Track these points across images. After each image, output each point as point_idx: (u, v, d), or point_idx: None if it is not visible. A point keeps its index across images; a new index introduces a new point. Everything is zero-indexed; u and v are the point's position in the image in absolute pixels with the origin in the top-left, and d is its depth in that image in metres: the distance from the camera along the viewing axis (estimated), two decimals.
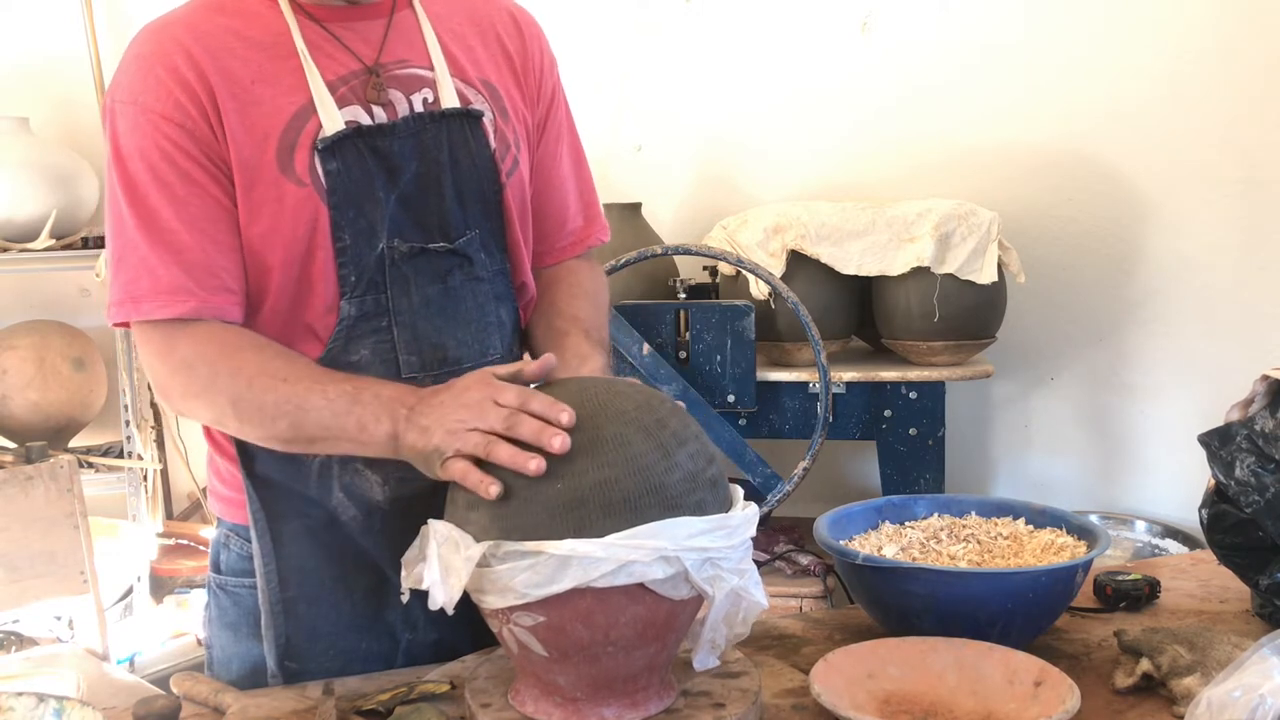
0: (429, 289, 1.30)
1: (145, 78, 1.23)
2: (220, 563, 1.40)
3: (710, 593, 1.07)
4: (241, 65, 1.24)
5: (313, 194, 1.24)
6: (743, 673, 1.20)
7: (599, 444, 1.07)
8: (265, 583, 1.31)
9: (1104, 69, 3.03)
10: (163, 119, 1.22)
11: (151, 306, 1.22)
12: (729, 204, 3.14)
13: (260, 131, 1.23)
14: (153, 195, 1.22)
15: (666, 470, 1.07)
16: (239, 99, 1.23)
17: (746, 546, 1.11)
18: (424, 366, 1.30)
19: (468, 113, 1.32)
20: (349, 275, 1.26)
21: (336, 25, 1.30)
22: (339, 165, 1.24)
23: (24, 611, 2.39)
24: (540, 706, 1.13)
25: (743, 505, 1.13)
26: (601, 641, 1.07)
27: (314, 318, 1.28)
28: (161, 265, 1.22)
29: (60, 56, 3.43)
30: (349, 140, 1.25)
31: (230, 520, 1.38)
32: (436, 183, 1.30)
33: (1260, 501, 1.31)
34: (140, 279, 1.22)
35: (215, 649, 1.41)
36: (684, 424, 1.13)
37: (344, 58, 1.29)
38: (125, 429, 3.30)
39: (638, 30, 3.30)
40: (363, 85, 1.28)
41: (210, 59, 1.24)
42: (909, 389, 2.74)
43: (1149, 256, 3.07)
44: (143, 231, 1.22)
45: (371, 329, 1.28)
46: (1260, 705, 0.98)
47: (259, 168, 1.23)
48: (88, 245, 3.18)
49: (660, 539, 1.04)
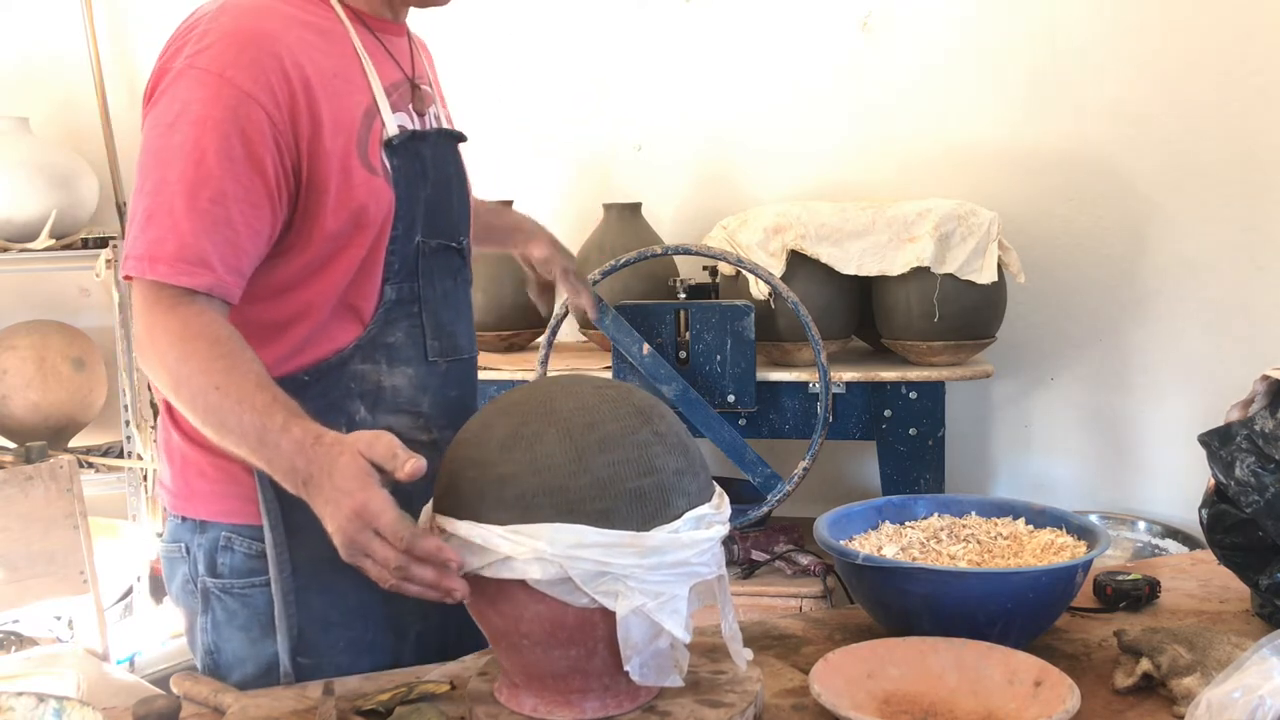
0: (445, 282, 1.45)
1: (240, 54, 1.25)
2: (220, 567, 1.39)
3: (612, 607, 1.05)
4: (323, 59, 1.31)
5: (385, 184, 1.34)
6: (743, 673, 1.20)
7: (514, 440, 1.10)
8: (279, 572, 1.33)
9: (1104, 69, 3.03)
10: (250, 99, 1.24)
11: (168, 270, 1.23)
12: (729, 204, 3.14)
13: (345, 124, 1.31)
14: (214, 166, 1.23)
15: (572, 474, 1.07)
16: (326, 90, 1.30)
17: (681, 572, 1.08)
18: (442, 352, 1.44)
19: (461, 135, 1.50)
20: (394, 263, 1.37)
21: (384, 36, 1.41)
22: (400, 162, 1.36)
23: (24, 611, 2.39)
24: (499, 684, 1.18)
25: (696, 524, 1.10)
26: (513, 632, 1.10)
27: (361, 299, 1.37)
28: (192, 234, 1.23)
29: (60, 56, 3.43)
30: (406, 140, 1.37)
31: (229, 521, 1.38)
32: (448, 189, 1.45)
33: (1260, 501, 1.31)
34: (166, 240, 1.23)
35: (223, 653, 1.40)
36: (628, 431, 1.10)
37: (390, 66, 1.40)
38: (125, 429, 3.30)
39: (638, 30, 3.30)
40: (407, 94, 1.41)
41: (303, 51, 1.29)
42: (909, 389, 2.73)
43: (1149, 256, 3.07)
44: (187, 196, 1.23)
45: (406, 313, 1.39)
46: (1260, 706, 0.98)
47: (346, 155, 1.31)
48: (88, 245, 3.18)
49: (540, 540, 1.04)
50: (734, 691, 1.16)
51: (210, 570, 1.39)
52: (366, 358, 1.37)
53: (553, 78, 3.31)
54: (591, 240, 3.03)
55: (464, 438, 1.16)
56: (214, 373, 1.20)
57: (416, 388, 1.41)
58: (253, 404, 1.18)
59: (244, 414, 1.18)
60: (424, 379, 1.42)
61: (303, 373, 1.34)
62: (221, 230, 1.24)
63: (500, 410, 1.15)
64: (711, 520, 1.12)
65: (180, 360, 1.22)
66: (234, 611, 1.39)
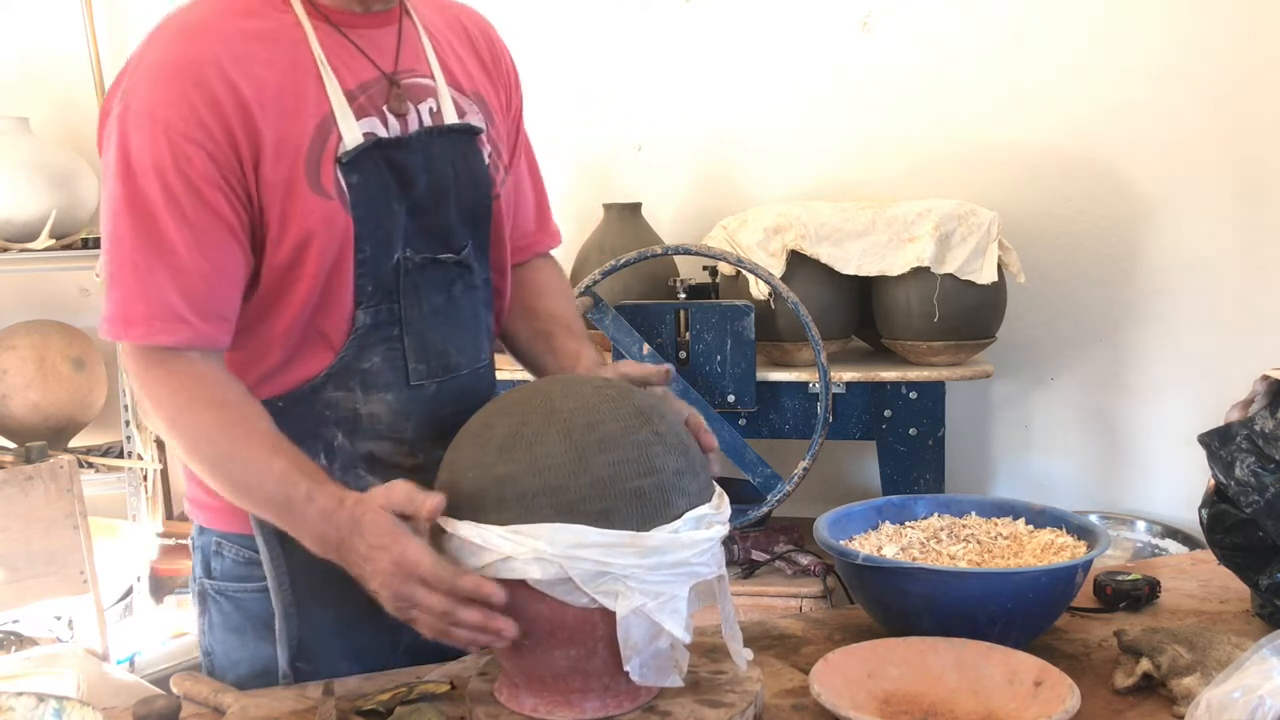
0: (436, 298, 1.33)
1: (168, 90, 1.18)
2: (213, 569, 1.39)
3: (612, 607, 1.05)
4: (268, 73, 1.21)
5: (339, 207, 1.24)
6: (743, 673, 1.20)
7: (514, 440, 1.09)
8: (277, 585, 1.32)
9: (1104, 68, 3.03)
10: (183, 138, 1.17)
11: (142, 331, 1.20)
12: (729, 204, 3.14)
13: (291, 145, 1.22)
14: (161, 215, 1.18)
15: (572, 474, 1.07)
16: (270, 110, 1.21)
17: (681, 572, 1.08)
18: (430, 374, 1.33)
19: (467, 128, 1.35)
20: (366, 285, 1.27)
21: (353, 31, 1.29)
22: (360, 178, 1.25)
23: (24, 611, 2.39)
24: (499, 684, 1.18)
25: (696, 524, 1.09)
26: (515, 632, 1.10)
27: (330, 326, 1.28)
28: (157, 289, 1.19)
29: (60, 56, 3.42)
30: (368, 153, 1.25)
31: (218, 528, 1.37)
32: (443, 195, 1.32)
33: (1260, 501, 1.31)
34: (134, 301, 1.20)
35: (217, 654, 1.40)
36: (628, 431, 1.10)
37: (361, 65, 1.28)
38: (125, 429, 3.30)
39: (638, 30, 3.30)
40: (382, 94, 1.29)
41: (240, 69, 1.20)
42: (909, 389, 2.73)
43: (1149, 256, 3.07)
44: (144, 251, 1.19)
45: (383, 337, 1.30)
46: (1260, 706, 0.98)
47: (291, 181, 1.22)
48: (88, 245, 3.18)
49: (540, 540, 1.04)
50: (734, 691, 1.16)
51: (206, 572, 1.40)
52: (340, 385, 1.29)
53: (553, 78, 3.31)
54: (591, 240, 3.03)
55: (464, 437, 1.16)
56: (224, 442, 1.20)
57: (396, 414, 1.32)
58: (271, 472, 1.18)
59: (265, 483, 1.18)
60: (405, 404, 1.32)
61: (277, 399, 1.29)
62: (187, 280, 1.19)
63: (500, 410, 1.15)
64: (712, 520, 1.12)
65: (189, 428, 1.21)
66: (228, 614, 1.39)
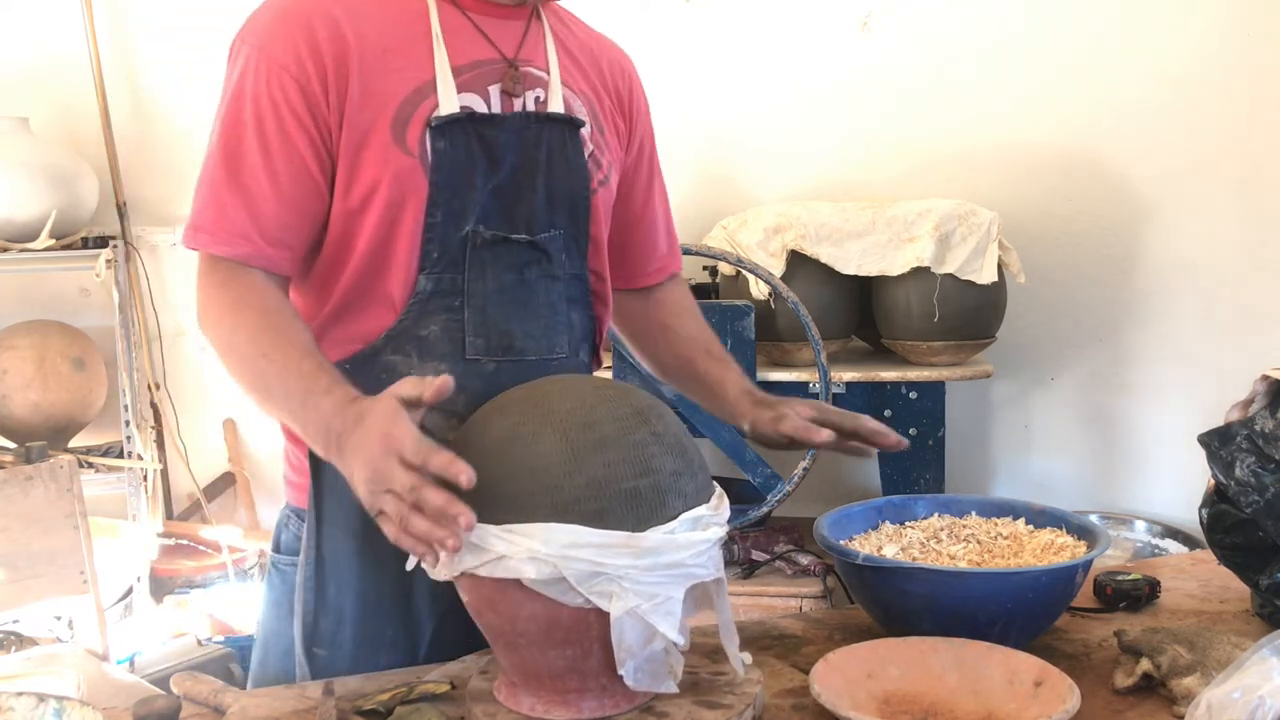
0: (505, 277, 1.36)
1: (277, 27, 1.28)
2: (280, 542, 1.45)
3: (606, 607, 1.05)
4: (377, 33, 1.30)
5: (418, 167, 1.30)
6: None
7: (511, 439, 1.09)
8: (304, 557, 1.35)
9: (1104, 69, 3.03)
10: (282, 70, 1.27)
11: (209, 239, 1.28)
12: (729, 204, 3.14)
13: (381, 98, 1.29)
14: (248, 139, 1.27)
15: (567, 474, 1.06)
16: (368, 63, 1.28)
17: (677, 574, 1.07)
18: (489, 350, 1.35)
19: (570, 119, 1.39)
20: (432, 251, 1.31)
21: (477, 16, 1.37)
22: (446, 145, 1.30)
23: (24, 611, 2.39)
24: (499, 684, 1.18)
25: (693, 525, 1.09)
26: (510, 631, 1.10)
27: (393, 287, 1.33)
28: (231, 206, 1.27)
29: (60, 57, 3.42)
30: (460, 124, 1.31)
31: (293, 504, 1.43)
32: (530, 179, 1.36)
33: (1260, 501, 1.31)
34: (208, 210, 1.28)
35: (265, 625, 1.45)
36: (625, 431, 1.10)
37: (477, 46, 1.35)
38: (125, 429, 3.30)
39: (638, 30, 3.30)
40: (493, 75, 1.35)
41: (350, 22, 1.29)
42: (909, 389, 2.74)
43: (1149, 256, 3.07)
44: (226, 169, 1.28)
45: (444, 306, 1.33)
46: (1260, 706, 0.98)
47: (372, 131, 1.28)
48: (88, 245, 3.18)
49: (535, 540, 1.04)
50: (733, 693, 1.16)
51: (275, 546, 1.45)
52: (398, 349, 1.33)
53: None
54: None
55: (460, 436, 1.16)
56: (262, 341, 1.24)
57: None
58: (299, 369, 1.21)
59: (289, 379, 1.21)
60: (459, 377, 1.30)
61: (344, 362, 1.33)
62: (257, 201, 1.27)
63: (497, 409, 1.15)
64: (709, 522, 1.11)
65: (232, 330, 1.26)
66: (275, 586, 1.43)
